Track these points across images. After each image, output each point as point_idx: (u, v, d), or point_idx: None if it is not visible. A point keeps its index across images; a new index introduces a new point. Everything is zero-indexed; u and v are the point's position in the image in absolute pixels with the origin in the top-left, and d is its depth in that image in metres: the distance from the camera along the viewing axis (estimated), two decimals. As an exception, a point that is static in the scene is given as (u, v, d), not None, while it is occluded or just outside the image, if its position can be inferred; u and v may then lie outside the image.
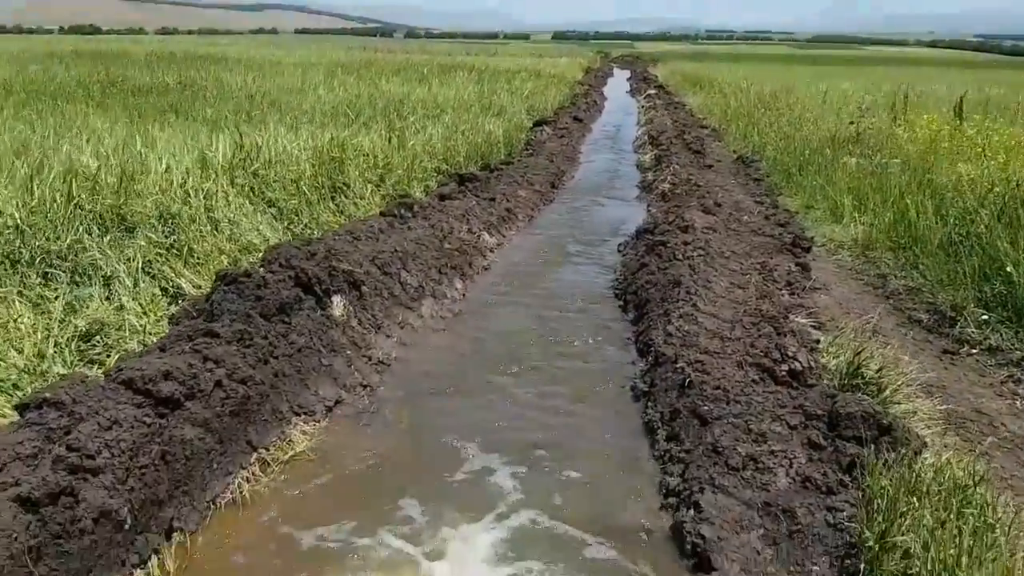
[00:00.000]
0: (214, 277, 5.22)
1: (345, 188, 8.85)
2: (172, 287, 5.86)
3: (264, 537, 3.74)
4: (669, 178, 12.54)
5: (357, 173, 9.12)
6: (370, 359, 5.60)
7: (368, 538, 3.75)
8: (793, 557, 3.39)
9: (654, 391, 5.35)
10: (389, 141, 10.75)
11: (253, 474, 4.14)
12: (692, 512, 3.83)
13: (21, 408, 3.55)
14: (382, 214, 8.54)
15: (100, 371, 4.22)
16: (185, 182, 6.79)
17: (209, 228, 6.62)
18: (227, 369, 4.26)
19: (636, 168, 15.40)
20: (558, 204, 12.37)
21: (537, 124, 18.30)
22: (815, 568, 3.29)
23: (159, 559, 3.43)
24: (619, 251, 9.22)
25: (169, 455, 3.66)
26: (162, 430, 3.70)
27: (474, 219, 9.34)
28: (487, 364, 5.84)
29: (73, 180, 5.83)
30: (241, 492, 4.00)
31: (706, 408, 4.66)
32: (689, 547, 3.66)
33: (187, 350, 4.27)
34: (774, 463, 3.99)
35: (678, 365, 5.34)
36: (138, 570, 3.32)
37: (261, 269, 5.44)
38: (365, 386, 5.26)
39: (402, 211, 8.62)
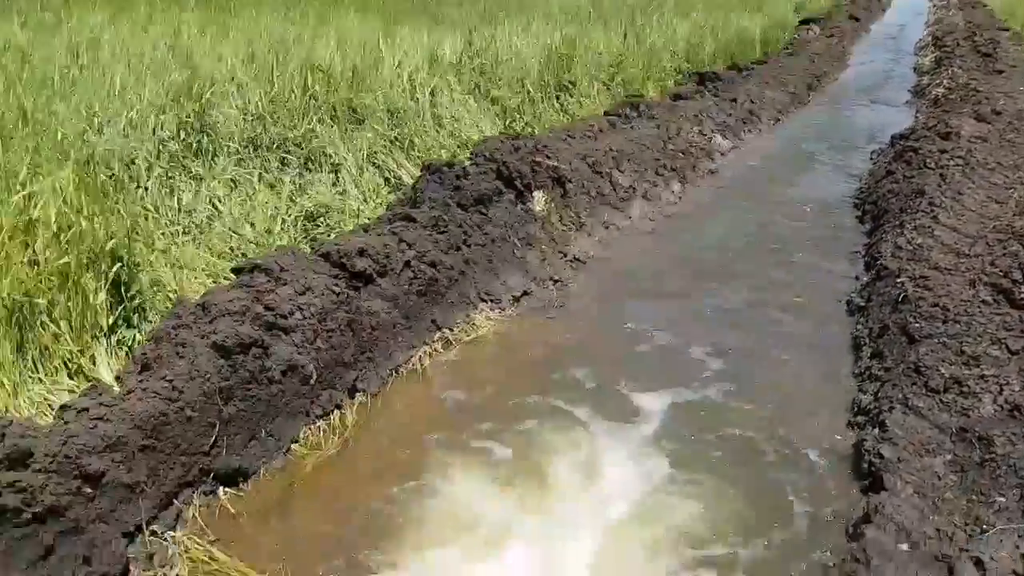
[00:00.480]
0: (421, 167, 5.48)
1: (571, 87, 8.81)
2: (393, 177, 6.25)
3: (439, 404, 3.99)
4: (945, 82, 11.11)
5: (584, 72, 9.02)
6: (566, 255, 5.65)
7: (536, 409, 3.89)
8: (979, 486, 3.04)
9: (869, 307, 4.92)
10: (624, 39, 10.46)
11: (435, 350, 4.41)
12: (876, 431, 3.57)
13: (236, 271, 4.03)
14: (606, 113, 8.42)
15: (309, 247, 4.65)
16: (413, 78, 7.12)
17: (432, 123, 6.94)
18: (418, 252, 4.51)
19: (913, 72, 13.81)
20: (813, 107, 11.48)
21: (804, 22, 17.14)
22: (1000, 499, 2.92)
23: (340, 414, 3.79)
24: (871, 159, 8.41)
25: (356, 324, 3.99)
26: (351, 301, 4.03)
27: (708, 120, 8.93)
28: (692, 270, 5.66)
29: (309, 73, 6.34)
30: (422, 364, 4.28)
31: (917, 325, 4.22)
32: (865, 466, 3.44)
33: (384, 232, 4.57)
34: (981, 388, 3.57)
35: (899, 280, 4.84)
36: (321, 421, 3.70)
37: (466, 161, 5.62)
38: (556, 281, 5.33)
39: (627, 111, 8.44)
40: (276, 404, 3.52)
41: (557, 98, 8.62)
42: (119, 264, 3.61)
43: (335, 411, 3.78)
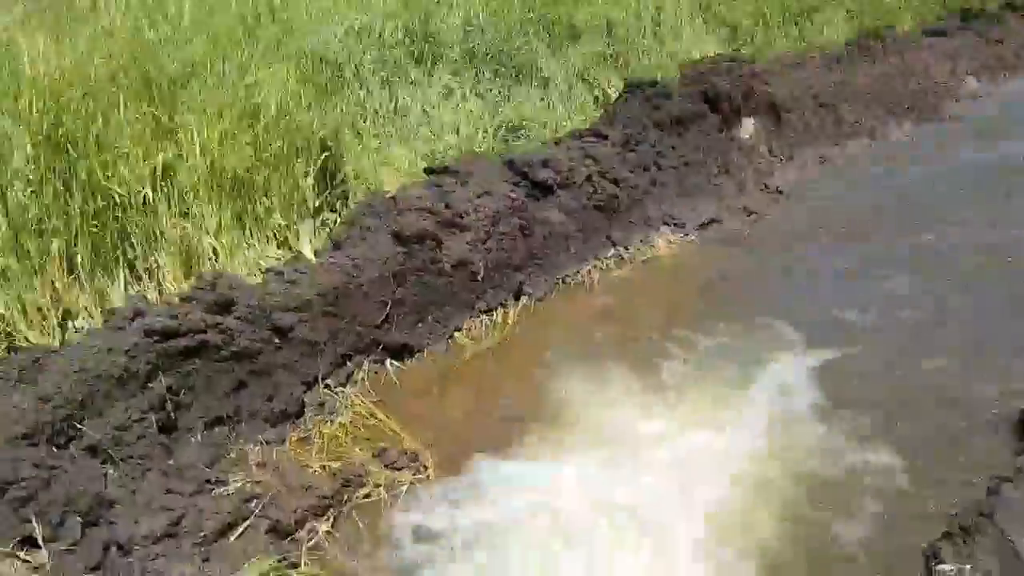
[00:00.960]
0: (623, 84, 5.49)
1: (812, 12, 8.23)
2: (602, 95, 6.31)
3: (601, 315, 4.13)
4: None
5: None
6: (767, 187, 5.46)
7: (698, 334, 3.92)
8: None
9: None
10: (884, -39, 9.51)
11: (607, 266, 4.53)
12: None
13: (429, 171, 4.37)
14: (846, 44, 7.81)
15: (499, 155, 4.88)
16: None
17: (653, 42, 6.85)
18: (602, 168, 4.61)
19: None
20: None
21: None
22: None
23: (504, 312, 4.06)
24: None
25: (528, 230, 4.21)
26: (527, 208, 4.24)
27: (963, 60, 8.01)
28: (903, 216, 5.26)
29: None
30: (591, 277, 4.43)
31: None
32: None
33: (572, 146, 4.70)
34: None
35: None
36: (484, 316, 3.99)
37: (673, 81, 5.55)
38: (751, 212, 5.19)
39: (870, 43, 7.77)
40: (444, 294, 3.85)
41: (795, 23, 8.11)
42: (327, 154, 4.05)
43: (499, 309, 4.05)
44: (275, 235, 3.83)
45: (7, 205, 3.13)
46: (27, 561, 2.29)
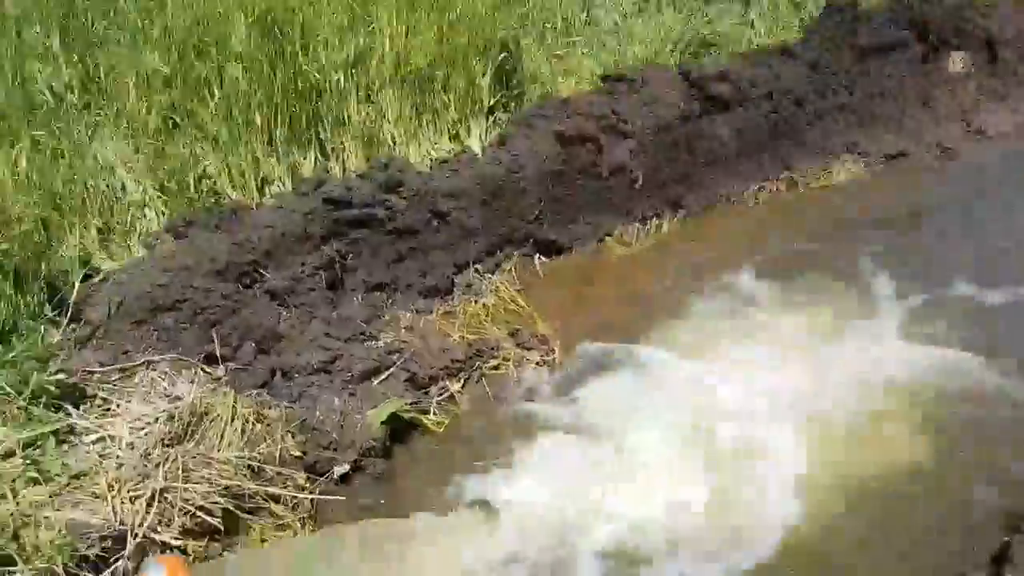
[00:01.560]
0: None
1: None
2: (808, 17, 6.00)
3: (759, 235, 4.12)
4: None
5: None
6: (969, 126, 5.06)
7: (857, 264, 3.83)
8: None
9: None
10: None
11: (776, 188, 4.46)
12: None
13: (604, 78, 4.46)
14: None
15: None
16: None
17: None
18: (784, 88, 4.48)
19: None
20: None
21: None
22: None
23: (658, 222, 4.14)
24: None
25: (695, 144, 4.22)
26: (697, 122, 4.24)
27: None
28: None
29: None
30: (756, 198, 4.40)
31: None
32: None
33: (756, 62, 4.59)
34: None
35: None
36: (637, 224, 4.10)
37: (879, 5, 5.20)
38: (946, 149, 4.86)
39: None
40: (600, 198, 3.99)
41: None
42: (506, 55, 4.24)
43: (653, 219, 4.13)
44: (448, 129, 4.10)
45: (224, 80, 3.60)
46: (208, 373, 2.76)
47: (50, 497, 2.17)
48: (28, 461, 2.23)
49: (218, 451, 2.38)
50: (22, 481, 2.18)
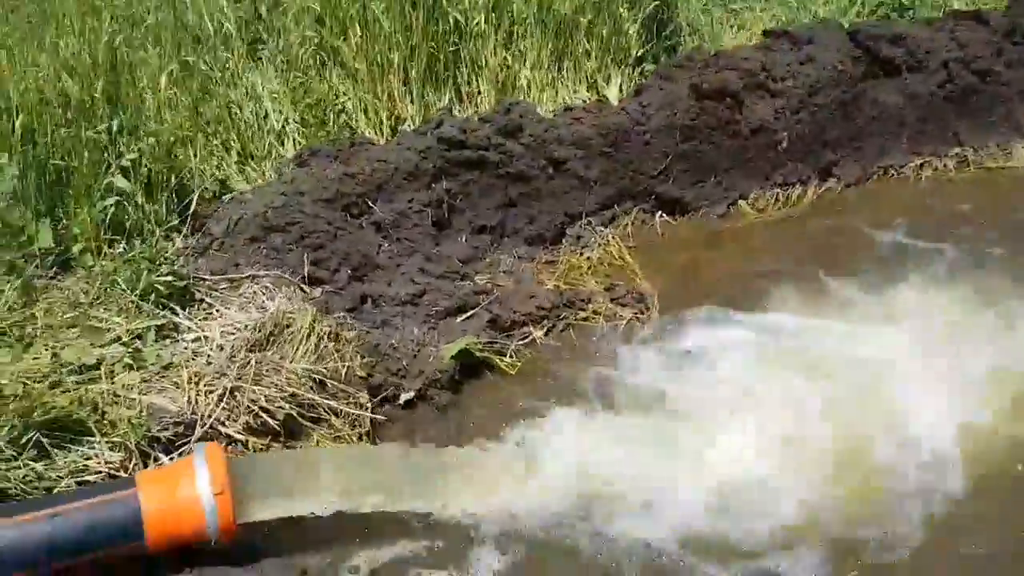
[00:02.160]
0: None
1: None
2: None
3: (919, 213, 3.73)
4: None
5: None
6: None
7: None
8: None
9: None
10: None
11: (943, 166, 4.02)
12: None
13: (765, 33, 4.19)
14: None
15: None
16: None
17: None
18: (968, 56, 3.98)
19: None
20: None
21: None
22: None
23: (802, 189, 3.86)
24: None
25: (854, 109, 3.87)
26: (858, 84, 3.88)
27: None
28: None
29: None
30: (919, 173, 3.99)
31: None
32: None
33: (938, 27, 4.12)
34: None
35: None
36: (777, 189, 3.84)
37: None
38: None
39: None
40: (735, 158, 3.78)
41: None
42: (657, 2, 4.09)
43: (796, 185, 3.86)
44: (588, 78, 4.03)
45: (366, 19, 3.76)
46: (305, 292, 2.95)
47: (141, 382, 2.43)
48: (130, 349, 2.51)
49: (290, 362, 2.55)
50: (120, 365, 2.45)
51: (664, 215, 3.74)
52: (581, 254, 3.50)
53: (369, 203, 3.25)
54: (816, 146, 3.86)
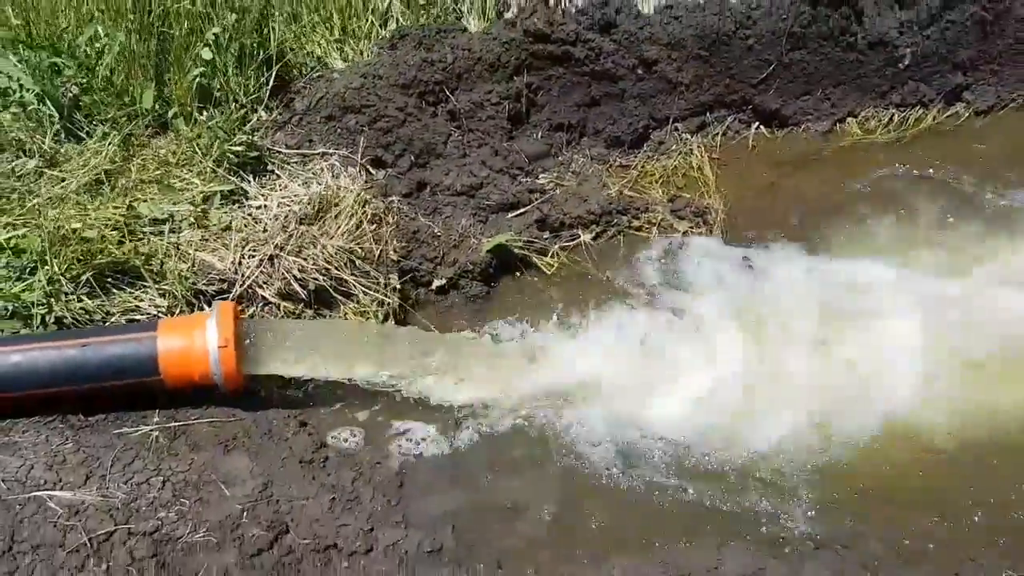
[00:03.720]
0: None
1: None
2: None
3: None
4: None
5: None
6: None
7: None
8: None
9: None
10: None
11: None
12: None
13: None
14: None
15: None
16: None
17: None
18: None
19: None
20: None
21: None
22: None
23: (921, 111, 3.51)
24: None
25: (992, 26, 3.40)
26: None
27: None
28: None
29: None
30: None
31: None
32: None
33: None
34: None
35: None
36: (894, 109, 3.50)
37: None
38: None
39: None
40: (847, 72, 3.46)
41: None
42: None
43: (917, 107, 3.50)
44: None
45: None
46: (371, 174, 3.10)
47: (200, 240, 2.72)
48: (198, 209, 2.79)
49: (329, 238, 2.74)
50: (187, 223, 2.75)
51: (763, 127, 3.53)
52: (658, 161, 3.40)
53: (448, 91, 3.30)
54: (944, 67, 3.46)
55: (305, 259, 2.69)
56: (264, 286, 2.66)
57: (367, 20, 3.67)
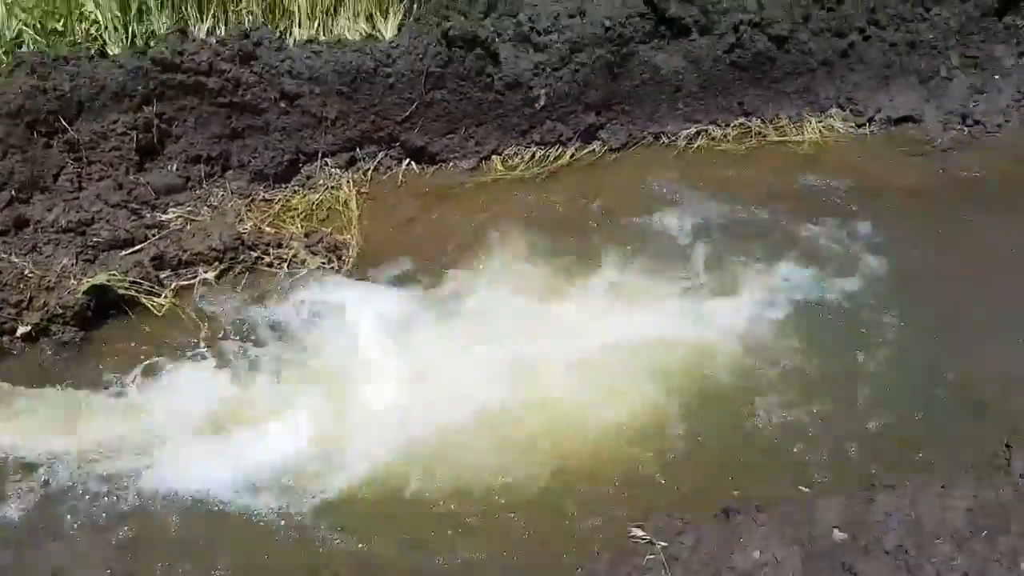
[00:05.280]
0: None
1: None
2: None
3: (674, 181, 3.60)
4: None
5: None
6: (1027, 99, 4.07)
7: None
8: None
9: None
10: None
11: (723, 136, 3.85)
12: None
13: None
14: None
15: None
16: None
17: None
18: (765, 19, 3.78)
19: None
20: None
21: None
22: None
23: (561, 150, 3.71)
24: None
25: (621, 70, 3.70)
26: (628, 43, 3.68)
27: None
28: None
29: None
30: (692, 143, 3.84)
31: None
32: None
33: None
34: None
35: None
36: (536, 147, 3.69)
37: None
38: (974, 122, 3.97)
39: None
40: (488, 112, 3.62)
41: None
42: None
43: (556, 146, 3.71)
44: (365, 10, 3.80)
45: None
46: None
47: None
48: None
49: None
50: None
51: (412, 163, 3.59)
52: (303, 196, 3.36)
53: (62, 121, 3.09)
54: (577, 107, 3.70)
55: None
56: None
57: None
